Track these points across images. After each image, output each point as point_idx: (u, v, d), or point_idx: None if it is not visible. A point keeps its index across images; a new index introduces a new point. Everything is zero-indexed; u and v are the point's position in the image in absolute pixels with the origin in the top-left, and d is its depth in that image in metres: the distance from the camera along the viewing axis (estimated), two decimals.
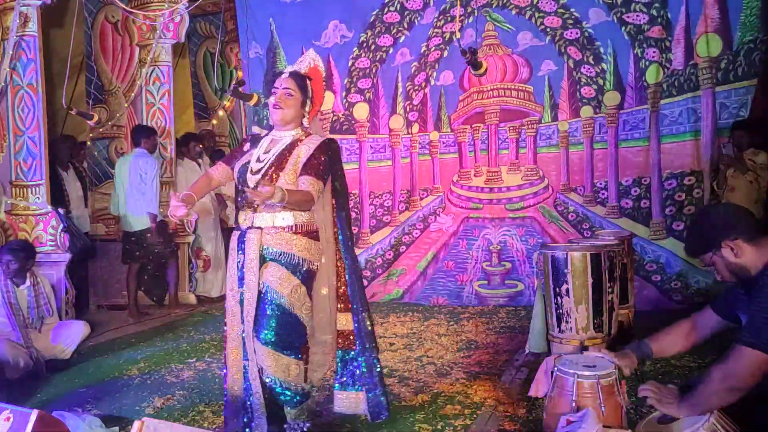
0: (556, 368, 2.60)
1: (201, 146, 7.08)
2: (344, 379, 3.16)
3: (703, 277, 5.67)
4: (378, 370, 3.13)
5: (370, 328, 3.12)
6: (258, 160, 2.95)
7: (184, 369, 4.39)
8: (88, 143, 6.93)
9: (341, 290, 3.14)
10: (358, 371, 3.14)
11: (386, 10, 6.65)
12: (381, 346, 4.70)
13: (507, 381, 3.83)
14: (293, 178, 2.87)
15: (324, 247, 3.03)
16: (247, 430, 2.90)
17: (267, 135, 3.07)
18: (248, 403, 2.91)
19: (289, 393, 2.88)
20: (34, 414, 2.27)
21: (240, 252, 2.91)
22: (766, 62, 5.53)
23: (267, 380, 2.86)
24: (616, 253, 4.09)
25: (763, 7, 5.46)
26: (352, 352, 3.15)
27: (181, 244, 6.63)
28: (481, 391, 3.66)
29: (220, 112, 8.60)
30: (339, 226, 3.12)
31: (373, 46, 6.73)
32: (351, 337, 3.14)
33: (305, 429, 2.87)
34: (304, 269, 2.90)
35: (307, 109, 3.00)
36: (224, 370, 3.01)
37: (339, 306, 3.14)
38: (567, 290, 3.93)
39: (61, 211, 5.49)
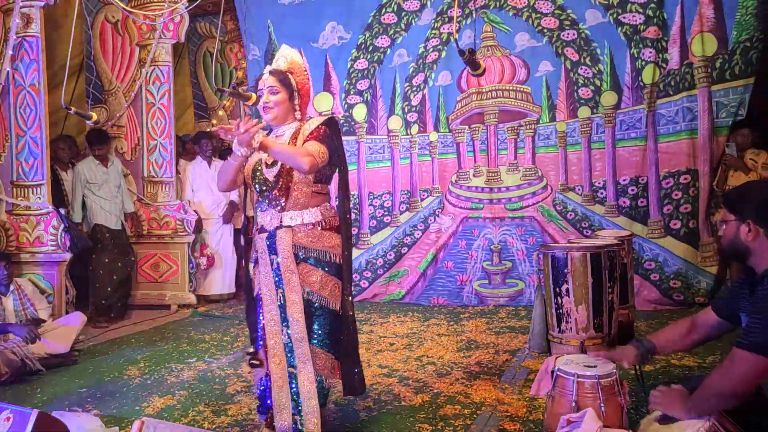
0: (556, 368, 2.61)
1: (213, 146, 7.09)
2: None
3: (704, 276, 5.71)
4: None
5: (351, 313, 3.00)
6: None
7: (184, 369, 4.39)
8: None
9: None
10: None
11: (383, 11, 6.67)
12: (381, 346, 4.74)
13: (507, 381, 3.84)
14: None
15: None
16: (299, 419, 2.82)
17: (270, 132, 3.08)
18: (299, 418, 2.81)
19: (323, 390, 2.91)
20: (34, 414, 2.29)
21: (272, 253, 2.89)
22: (763, 61, 5.56)
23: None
24: (616, 253, 4.10)
25: (759, 5, 5.48)
26: None
27: (179, 244, 6.64)
28: (481, 391, 3.67)
29: (220, 112, 8.60)
30: (341, 212, 3.06)
31: (371, 48, 6.74)
32: None
33: None
34: (335, 265, 2.92)
35: (296, 102, 2.99)
36: (266, 383, 2.92)
37: None
38: (567, 290, 3.95)
39: (62, 211, 5.50)
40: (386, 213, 6.78)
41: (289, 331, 2.82)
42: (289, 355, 2.83)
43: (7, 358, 4.09)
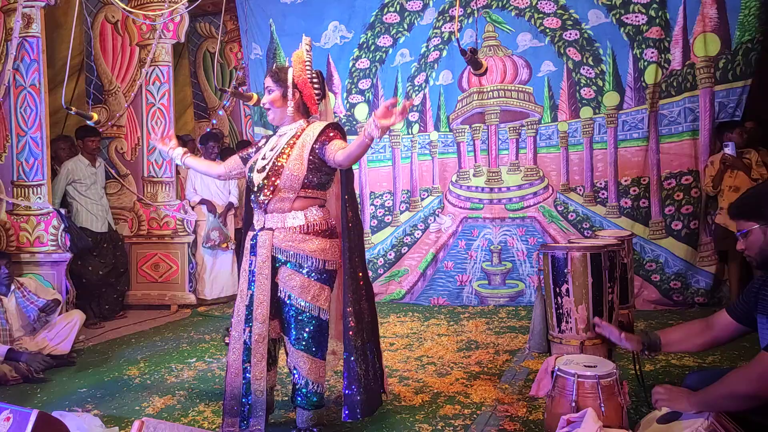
0: (556, 368, 2.61)
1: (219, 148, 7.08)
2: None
3: (703, 276, 5.70)
4: (357, 370, 2.95)
5: (359, 343, 2.99)
6: (263, 158, 2.97)
7: (184, 369, 4.39)
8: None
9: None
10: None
11: (386, 10, 6.67)
12: (381, 346, 4.71)
13: (507, 381, 3.83)
14: (299, 166, 2.85)
15: None
16: (243, 424, 2.88)
17: (275, 134, 3.09)
18: (246, 402, 2.90)
19: (316, 394, 2.91)
20: (34, 414, 2.28)
21: (252, 254, 2.92)
22: (763, 62, 5.54)
23: (300, 381, 2.89)
24: (616, 253, 4.08)
25: (762, 7, 5.47)
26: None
27: (179, 244, 6.63)
28: (481, 391, 3.66)
29: (221, 112, 8.59)
30: (344, 215, 3.06)
31: (372, 47, 6.74)
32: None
33: None
34: (322, 271, 2.90)
35: (290, 97, 2.95)
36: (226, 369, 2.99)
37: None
38: (567, 290, 3.93)
39: (62, 211, 5.50)
40: (387, 212, 6.78)
41: (250, 332, 2.86)
42: (245, 353, 2.87)
43: (16, 366, 4.12)
